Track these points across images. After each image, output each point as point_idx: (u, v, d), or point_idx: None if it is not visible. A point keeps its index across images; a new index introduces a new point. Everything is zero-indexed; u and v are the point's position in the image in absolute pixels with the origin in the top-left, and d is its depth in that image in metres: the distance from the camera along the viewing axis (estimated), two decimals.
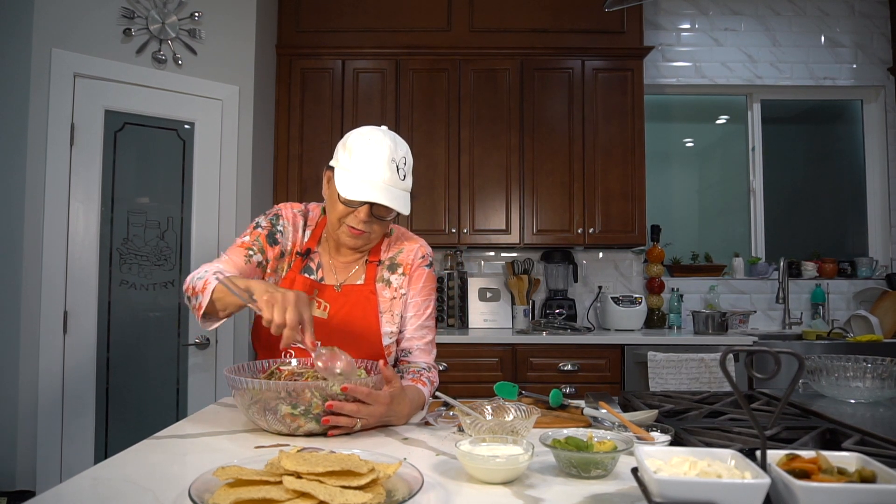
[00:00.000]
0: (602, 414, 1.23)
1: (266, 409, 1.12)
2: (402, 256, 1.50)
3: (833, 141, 4.17)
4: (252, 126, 3.08)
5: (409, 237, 1.55)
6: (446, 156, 3.47)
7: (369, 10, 3.54)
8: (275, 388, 1.10)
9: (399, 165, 1.35)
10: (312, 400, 1.11)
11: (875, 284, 3.78)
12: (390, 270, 1.49)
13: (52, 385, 2.50)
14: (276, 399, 1.11)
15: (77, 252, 2.59)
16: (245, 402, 1.14)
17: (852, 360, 1.45)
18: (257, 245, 1.42)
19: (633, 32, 3.54)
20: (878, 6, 3.93)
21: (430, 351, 1.51)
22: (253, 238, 1.43)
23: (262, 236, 1.43)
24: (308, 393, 1.10)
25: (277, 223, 1.46)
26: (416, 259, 1.50)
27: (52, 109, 2.53)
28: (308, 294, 1.37)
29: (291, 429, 1.13)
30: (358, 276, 1.48)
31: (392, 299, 1.47)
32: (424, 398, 1.39)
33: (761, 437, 0.74)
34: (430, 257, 1.54)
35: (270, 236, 1.44)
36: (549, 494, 0.85)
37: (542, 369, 3.12)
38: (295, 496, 0.71)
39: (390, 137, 1.37)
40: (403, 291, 1.48)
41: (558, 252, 3.67)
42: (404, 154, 1.38)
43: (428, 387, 1.42)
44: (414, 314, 1.49)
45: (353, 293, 1.44)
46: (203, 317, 1.29)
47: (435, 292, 1.54)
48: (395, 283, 1.48)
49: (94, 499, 0.84)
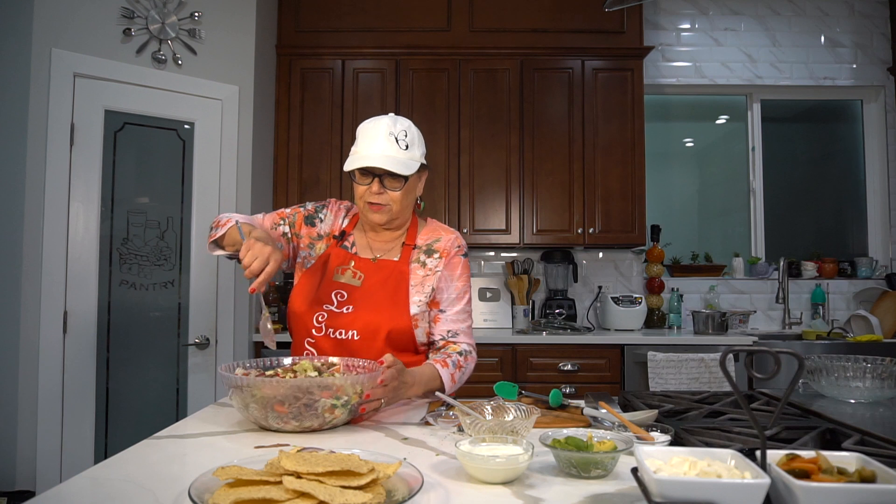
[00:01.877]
0: (602, 414, 1.23)
1: (267, 406, 1.14)
2: (439, 244, 1.60)
3: (833, 141, 4.17)
4: (252, 126, 3.08)
5: (446, 228, 1.66)
6: (446, 156, 3.47)
7: (369, 9, 3.54)
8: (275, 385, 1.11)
9: (399, 137, 1.46)
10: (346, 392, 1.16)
11: (875, 284, 3.78)
12: (427, 254, 1.59)
13: (52, 385, 2.50)
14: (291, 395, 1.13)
15: (77, 252, 2.59)
16: (245, 400, 1.15)
17: (852, 360, 1.45)
18: (291, 219, 1.62)
19: (632, 32, 3.54)
20: (878, 6, 3.93)
21: (470, 335, 1.62)
22: (292, 212, 1.64)
23: (300, 214, 1.63)
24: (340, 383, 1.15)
25: (321, 211, 1.65)
26: (453, 248, 1.61)
27: (51, 109, 2.53)
28: (343, 264, 1.55)
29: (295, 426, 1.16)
30: (394, 255, 1.59)
31: (425, 276, 1.56)
32: (439, 375, 1.46)
33: (761, 437, 0.74)
34: (465, 248, 1.64)
35: (309, 218, 1.63)
36: (549, 494, 0.85)
37: (542, 369, 3.12)
38: (295, 496, 0.71)
39: (390, 117, 1.49)
40: (438, 270, 1.57)
41: (558, 252, 3.67)
42: (405, 128, 1.48)
43: (450, 368, 1.49)
44: (456, 298, 1.59)
45: (387, 266, 1.56)
46: (213, 243, 1.54)
47: (471, 280, 1.66)
48: (431, 265, 1.58)
49: (94, 499, 0.84)
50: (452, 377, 1.49)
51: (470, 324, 1.62)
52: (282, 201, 3.43)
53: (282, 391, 1.11)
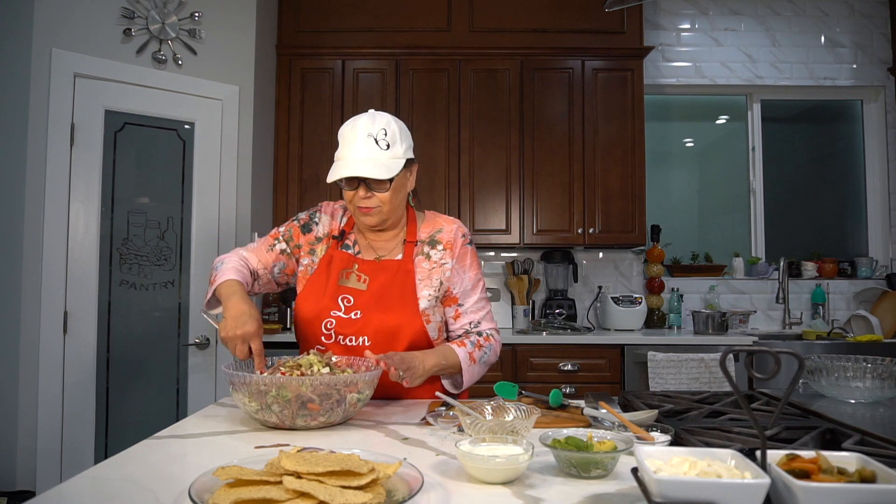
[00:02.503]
0: (602, 414, 1.23)
1: (263, 403, 1.16)
2: (441, 235, 1.58)
3: (833, 141, 4.17)
4: (252, 126, 3.08)
5: (446, 218, 1.64)
6: (446, 156, 3.47)
7: (369, 10, 3.54)
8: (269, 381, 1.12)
9: (378, 138, 1.43)
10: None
11: (875, 284, 3.78)
12: (430, 246, 1.57)
13: (52, 385, 2.50)
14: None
15: (77, 252, 2.59)
16: (268, 401, 1.16)
17: (852, 360, 1.44)
18: (286, 235, 1.60)
19: (632, 32, 3.54)
20: (878, 6, 3.93)
21: (491, 320, 1.62)
22: (286, 229, 1.61)
23: (295, 227, 1.61)
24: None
25: (315, 216, 1.62)
26: (458, 238, 1.58)
27: (52, 109, 2.53)
28: (347, 268, 1.53)
29: (287, 422, 1.18)
30: (396, 254, 1.57)
31: (431, 269, 1.55)
32: (454, 351, 1.49)
33: (761, 437, 0.74)
34: (469, 236, 1.63)
35: (305, 227, 1.60)
36: (549, 494, 0.85)
37: (542, 369, 3.12)
38: (295, 496, 0.71)
39: (368, 115, 1.47)
40: (445, 262, 1.55)
41: (558, 252, 3.67)
42: (383, 126, 1.45)
43: (467, 347, 1.51)
44: (471, 288, 1.58)
45: (391, 266, 1.54)
46: (207, 303, 1.51)
47: (481, 267, 1.65)
48: (435, 257, 1.56)
49: (94, 499, 0.84)
50: (471, 356, 1.50)
51: (489, 309, 1.62)
52: (282, 201, 3.43)
53: (320, 389, 1.15)
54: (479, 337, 1.54)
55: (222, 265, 1.50)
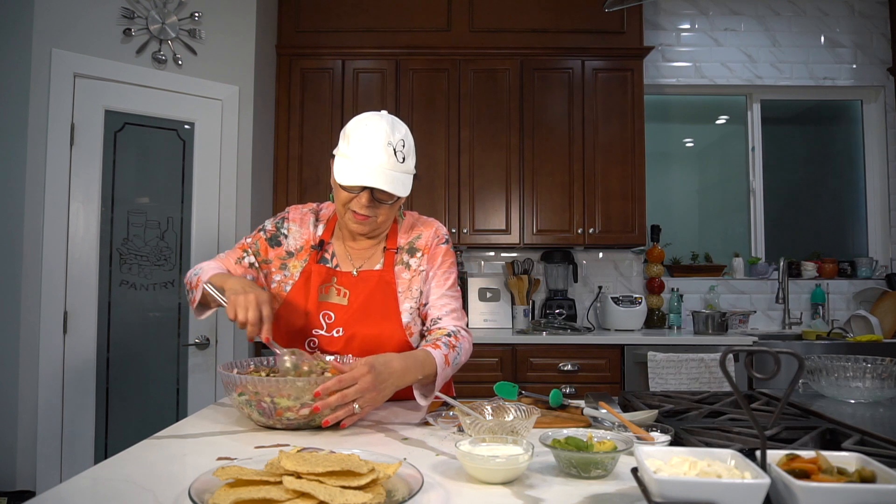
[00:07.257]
0: (602, 414, 1.23)
1: (251, 403, 1.16)
2: (419, 241, 1.53)
3: (833, 141, 4.17)
4: (252, 126, 3.08)
5: (425, 222, 1.57)
6: (446, 156, 3.47)
7: (369, 10, 3.54)
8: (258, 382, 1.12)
9: (397, 148, 1.35)
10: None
11: (875, 284, 3.78)
12: (409, 254, 1.52)
13: (52, 385, 2.50)
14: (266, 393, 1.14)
15: (77, 252, 2.59)
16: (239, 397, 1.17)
17: (852, 360, 1.45)
18: (254, 248, 1.51)
19: (632, 32, 3.54)
20: (878, 6, 3.93)
21: (458, 318, 1.50)
22: (252, 241, 1.52)
23: (262, 240, 1.52)
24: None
25: (282, 226, 1.53)
26: (433, 241, 1.53)
27: (52, 109, 2.53)
28: (326, 282, 1.46)
29: (281, 422, 1.17)
30: (376, 263, 1.51)
31: (411, 279, 1.50)
32: (433, 359, 1.31)
33: (761, 437, 0.74)
34: (447, 236, 1.56)
35: (273, 239, 1.52)
36: (549, 494, 0.85)
37: (542, 369, 3.12)
38: (295, 496, 0.71)
39: (387, 121, 1.37)
40: (422, 268, 1.51)
41: (558, 252, 3.67)
42: (402, 136, 1.38)
43: (442, 349, 1.35)
44: (436, 285, 1.51)
45: (372, 278, 1.47)
46: (197, 308, 1.41)
47: (455, 266, 1.56)
48: (414, 265, 1.51)
49: (94, 499, 0.84)
50: (446, 358, 1.35)
51: (455, 306, 1.50)
52: (282, 201, 3.43)
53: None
54: (448, 337, 1.40)
55: (202, 270, 1.42)
